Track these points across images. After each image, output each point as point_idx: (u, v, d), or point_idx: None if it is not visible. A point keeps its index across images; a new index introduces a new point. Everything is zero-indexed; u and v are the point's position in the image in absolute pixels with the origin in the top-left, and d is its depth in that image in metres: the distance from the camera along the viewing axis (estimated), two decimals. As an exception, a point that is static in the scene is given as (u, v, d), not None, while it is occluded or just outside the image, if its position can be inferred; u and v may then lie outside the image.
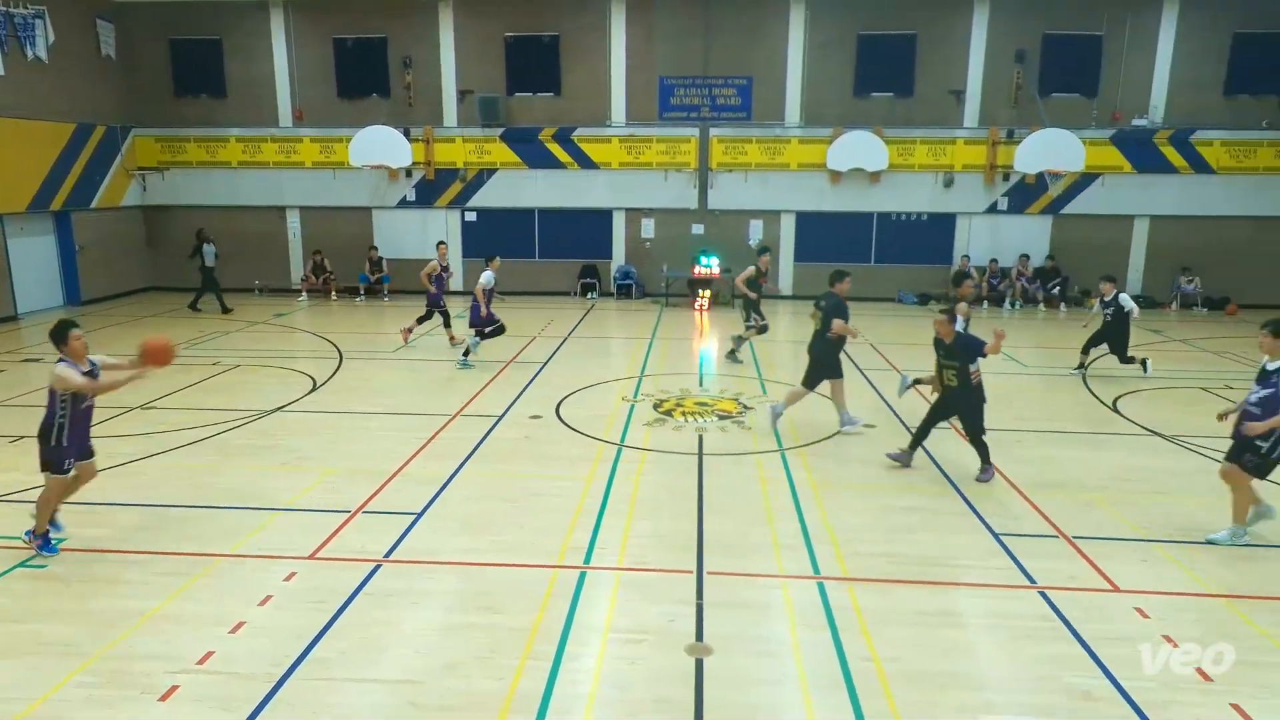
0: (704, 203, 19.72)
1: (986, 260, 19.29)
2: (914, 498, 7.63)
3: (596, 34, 19.22)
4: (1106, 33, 18.16)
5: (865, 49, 18.77)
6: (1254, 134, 18.39)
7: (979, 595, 5.91)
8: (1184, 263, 18.87)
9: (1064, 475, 8.25)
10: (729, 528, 6.94)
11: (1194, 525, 7.07)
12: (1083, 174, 18.40)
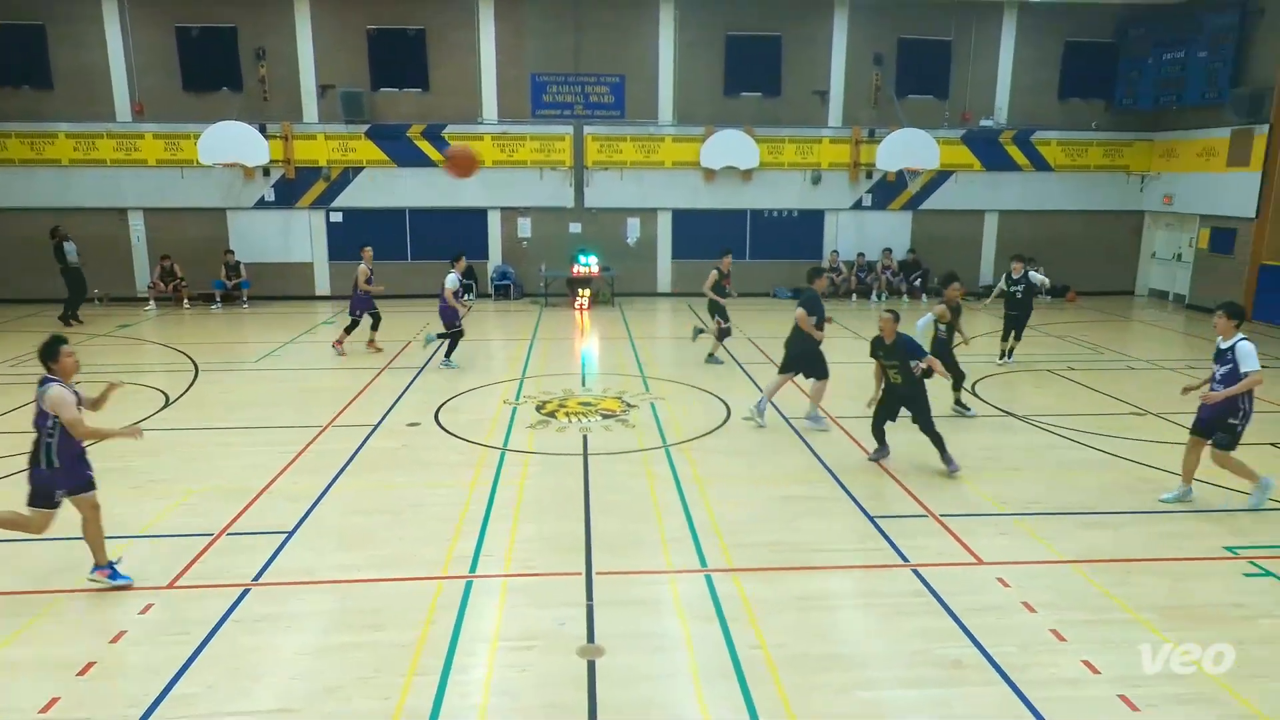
0: (581, 201, 19.75)
1: (854, 255, 20.25)
2: (795, 487, 7.93)
3: (464, 29, 18.89)
4: (955, 38, 19.42)
5: (733, 49, 19.30)
6: (1085, 135, 20.13)
7: (857, 577, 6.21)
8: (1029, 254, 20.42)
9: (932, 458, 8.74)
10: (616, 526, 7.00)
11: (1044, 498, 7.69)
12: (938, 171, 19.62)
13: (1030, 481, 8.16)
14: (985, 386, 11.79)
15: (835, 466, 8.46)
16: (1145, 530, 7.04)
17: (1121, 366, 13.10)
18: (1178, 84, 18.49)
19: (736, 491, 7.82)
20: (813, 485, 7.99)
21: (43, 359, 5.84)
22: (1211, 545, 6.73)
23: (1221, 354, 7.28)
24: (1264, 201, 17.07)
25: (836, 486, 7.95)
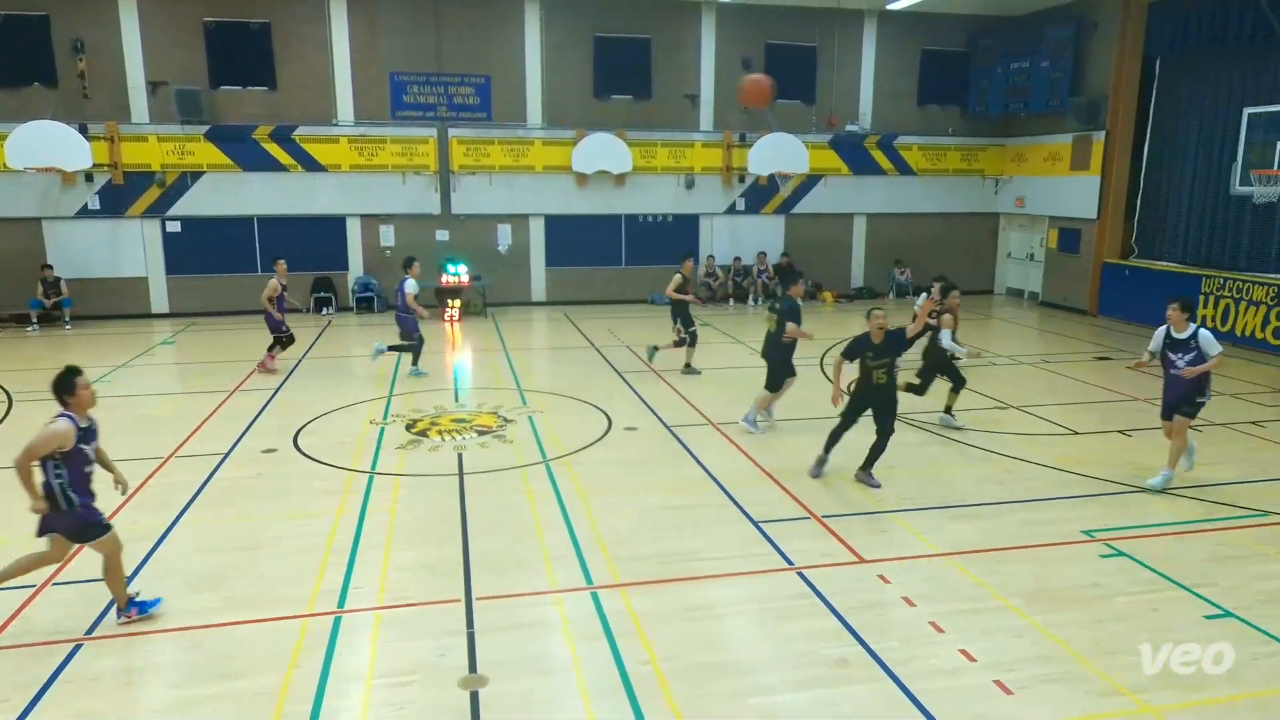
0: (447, 207, 19.39)
1: (730, 259, 20.81)
2: (678, 496, 8.05)
3: (314, 23, 18.20)
4: (820, 44, 20.34)
5: (602, 51, 19.47)
6: (943, 140, 21.51)
7: (743, 583, 6.37)
8: (896, 256, 21.62)
9: (808, 459, 9.09)
10: (497, 547, 6.90)
11: (919, 494, 8.14)
12: (808, 176, 20.46)
13: (905, 478, 8.59)
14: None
15: (721, 474, 8.65)
16: (1012, 520, 7.56)
17: (983, 363, 14.01)
18: (1024, 92, 20.04)
19: (620, 504, 7.86)
20: (698, 494, 8.13)
21: (57, 392, 5.51)
22: (1070, 530, 7.31)
23: (1182, 343, 8.07)
24: (1103, 203, 18.75)
25: (721, 494, 8.12)
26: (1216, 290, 15.94)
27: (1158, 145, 18.07)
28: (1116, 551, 6.89)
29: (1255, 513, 7.70)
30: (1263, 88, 15.30)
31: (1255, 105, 12.91)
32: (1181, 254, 17.52)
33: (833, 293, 21.23)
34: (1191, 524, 7.46)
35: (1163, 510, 7.77)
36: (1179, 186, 17.61)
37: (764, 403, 10.28)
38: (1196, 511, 7.75)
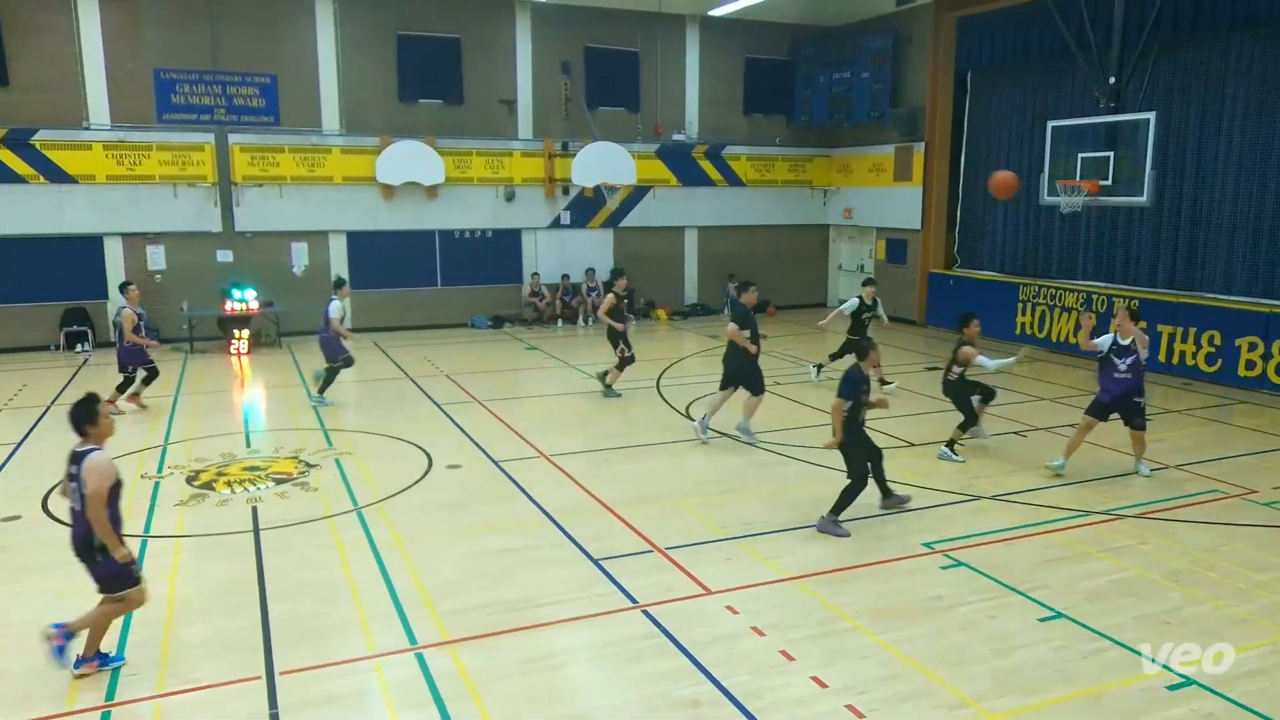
0: (230, 223, 18.31)
1: (558, 276, 20.90)
2: (510, 537, 7.94)
3: (56, 11, 16.74)
4: (642, 50, 20.94)
5: (407, 51, 19.13)
6: (771, 150, 22.68)
7: (585, 628, 6.35)
8: (729, 270, 22.49)
9: (651, 488, 9.26)
10: (303, 612, 6.52)
11: (763, 519, 8.44)
12: (636, 187, 20.94)
13: (749, 501, 8.91)
14: (698, 408, 12.70)
15: (555, 510, 8.61)
16: (855, 536, 7.99)
17: (821, 379, 14.79)
18: (846, 103, 21.51)
19: (446, 551, 7.65)
20: (531, 533, 8.05)
21: (78, 422, 5.50)
22: (912, 543, 7.82)
23: (1125, 348, 9.35)
24: (926, 214, 20.40)
25: (557, 531, 8.08)
26: (1033, 298, 17.68)
27: (973, 156, 19.88)
28: (956, 562, 7.43)
29: (1077, 513, 8.55)
30: (1062, 102, 17.21)
31: (1057, 119, 14.49)
32: (1000, 263, 19.31)
33: (666, 310, 21.77)
34: (1022, 529, 8.18)
35: (996, 518, 8.47)
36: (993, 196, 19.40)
37: (751, 409, 10.94)
38: (1026, 516, 8.50)
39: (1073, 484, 9.40)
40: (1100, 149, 12.95)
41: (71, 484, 5.51)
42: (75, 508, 5.53)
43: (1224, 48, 14.74)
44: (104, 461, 5.43)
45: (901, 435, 11.28)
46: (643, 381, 14.46)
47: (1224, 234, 14.97)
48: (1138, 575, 7.18)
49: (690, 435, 11.22)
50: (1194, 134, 15.30)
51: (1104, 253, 17.07)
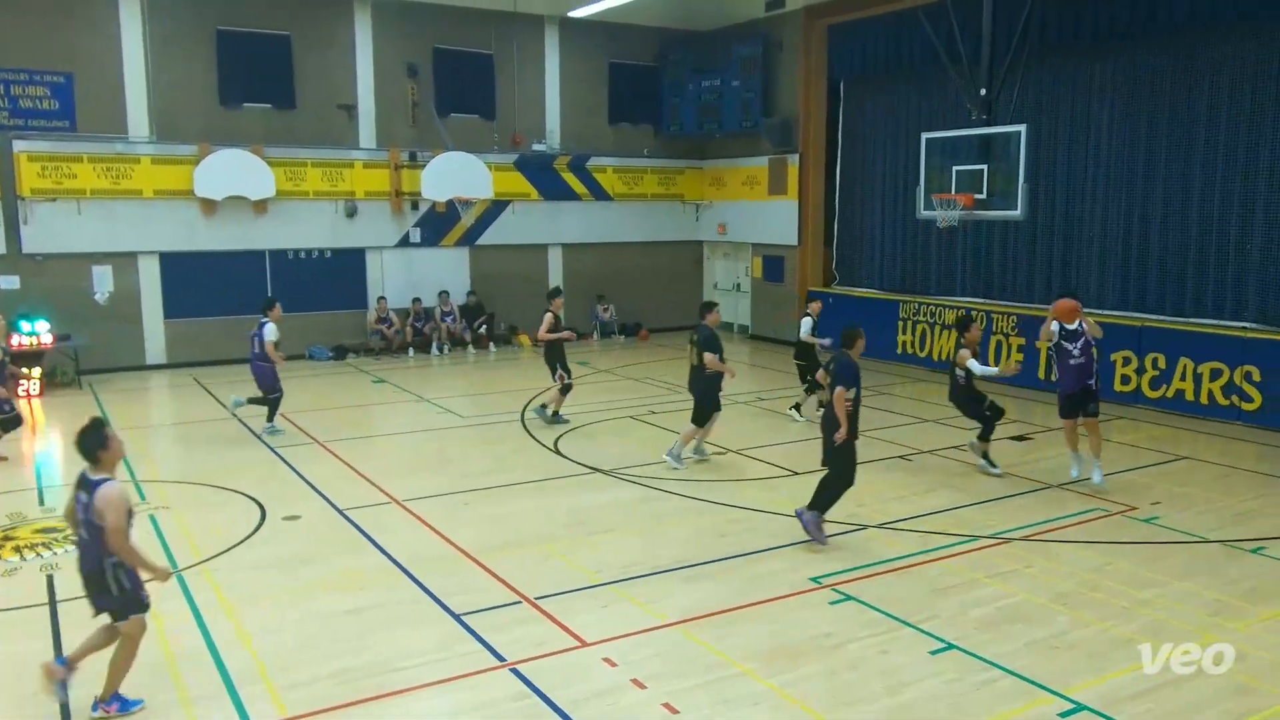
0: (15, 244, 17.16)
1: (408, 300, 20.53)
2: (358, 595, 7.70)
3: None
4: (496, 52, 20.95)
5: (228, 48, 18.50)
6: (639, 161, 23.06)
7: (448, 692, 6.21)
8: (598, 291, 22.67)
9: (518, 532, 9.18)
10: (113, 696, 6.11)
11: (642, 558, 8.50)
12: (493, 201, 20.86)
13: (625, 542, 8.95)
14: (568, 443, 12.71)
15: (410, 560, 8.41)
16: (741, 575, 8.14)
17: (805, 416, 15.04)
18: (716, 112, 22.13)
19: (284, 615, 7.34)
20: (383, 589, 7.84)
21: (89, 449, 5.71)
22: (799, 579, 8.03)
23: (1073, 333, 10.13)
24: (803, 229, 21.15)
25: (412, 586, 7.90)
26: (913, 315, 18.57)
27: (849, 169, 20.79)
28: (845, 596, 7.67)
29: (965, 538, 8.99)
30: (936, 113, 18.25)
31: (932, 130, 15.34)
32: (879, 280, 20.21)
33: (530, 335, 21.70)
34: (911, 557, 8.52)
35: (884, 547, 8.81)
36: (871, 211, 20.37)
37: (689, 437, 11.37)
38: (915, 544, 8.87)
39: (961, 508, 9.88)
40: (974, 162, 13.78)
41: (81, 512, 5.75)
42: (84, 537, 5.77)
43: (1090, 60, 15.99)
44: (118, 494, 5.69)
45: (785, 464, 11.59)
46: (505, 415, 14.35)
47: (1095, 248, 16.17)
48: (1026, 600, 7.60)
49: (554, 472, 11.22)
50: (1064, 147, 16.50)
51: (981, 268, 18.14)
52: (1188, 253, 14.91)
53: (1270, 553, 8.63)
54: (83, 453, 5.79)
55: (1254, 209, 14.00)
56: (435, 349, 20.33)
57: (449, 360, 19.86)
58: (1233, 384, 13.60)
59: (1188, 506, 9.98)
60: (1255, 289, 14.06)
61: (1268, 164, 13.79)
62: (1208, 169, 14.55)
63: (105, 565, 5.73)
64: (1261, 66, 13.84)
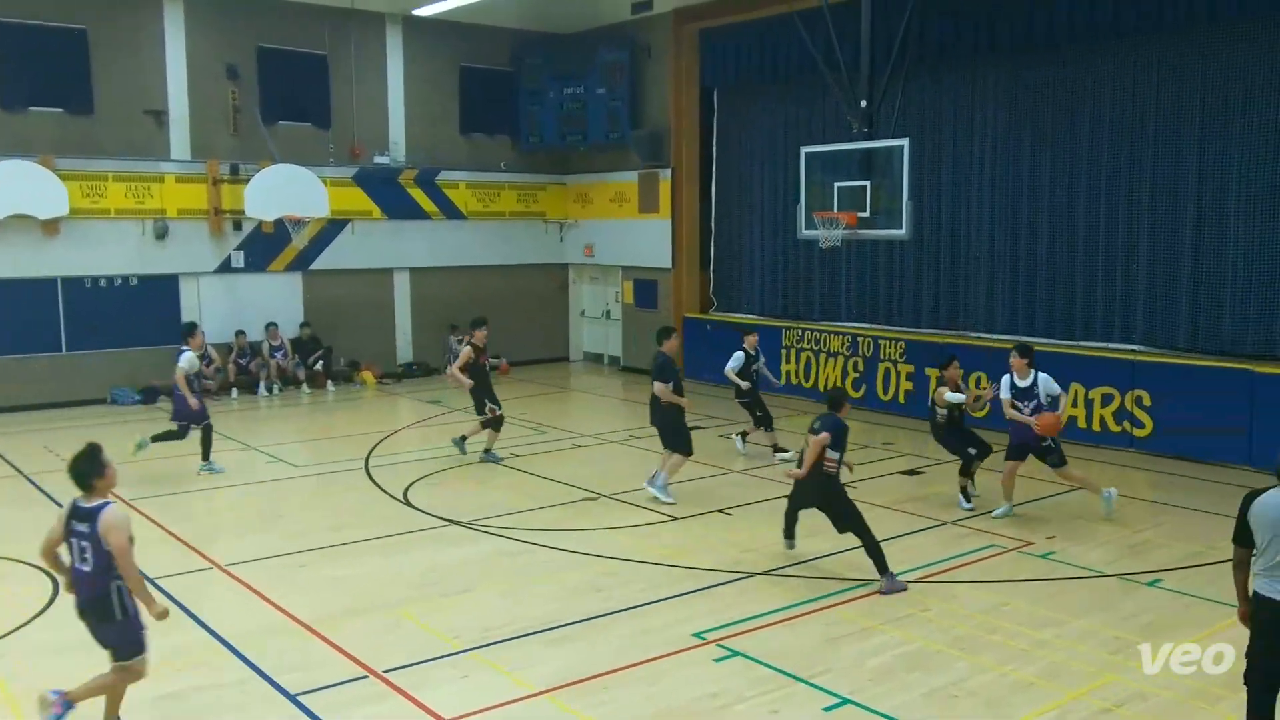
0: None
1: (231, 334, 19.85)
2: (174, 679, 7.33)
3: None
4: (332, 53, 20.62)
5: (10, 44, 17.67)
6: (495, 176, 23.03)
7: (282, 785, 5.96)
8: (451, 320, 22.40)
9: (363, 596, 8.95)
10: None
11: (505, 621, 8.39)
12: (330, 220, 20.42)
13: (486, 602, 8.82)
14: (419, 493, 12.50)
15: (236, 636, 8.09)
16: (616, 633, 8.13)
17: (567, 445, 15.06)
18: (581, 122, 22.33)
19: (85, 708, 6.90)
20: (205, 671, 7.52)
21: (85, 476, 6.11)
22: (681, 634, 8.07)
23: (1026, 391, 10.80)
24: (677, 250, 21.48)
25: (240, 664, 7.60)
26: (796, 343, 19.07)
27: (725, 185, 21.27)
28: (731, 652, 7.75)
29: (858, 583, 9.22)
30: (816, 125, 18.89)
31: (811, 143, 15.85)
32: (760, 305, 20.69)
33: (374, 371, 21.29)
34: (801, 605, 8.69)
35: (771, 596, 8.95)
36: (750, 230, 20.87)
37: (677, 466, 11.82)
38: (804, 591, 9.05)
39: (852, 549, 10.09)
40: (856, 177, 14.32)
41: (79, 541, 6.09)
42: (84, 569, 6.11)
43: (972, 73, 16.89)
44: (122, 515, 6.09)
45: (663, 509, 11.66)
46: (346, 463, 14.01)
47: (983, 269, 16.98)
48: (923, 646, 7.84)
49: (404, 525, 11.07)
50: (949, 163, 17.31)
51: (867, 291, 18.79)
52: (1075, 274, 15.81)
53: (1167, 585, 9.16)
54: (78, 479, 6.17)
55: (1138, 229, 14.97)
56: (263, 389, 19.71)
57: (280, 402, 19.28)
58: (1124, 409, 14.47)
59: (1083, 539, 10.51)
60: (1143, 311, 15.01)
61: (1149, 182, 14.78)
62: (1092, 188, 15.49)
63: (111, 589, 6.09)
64: (1140, 83, 14.86)
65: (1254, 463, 13.15)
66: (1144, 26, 14.46)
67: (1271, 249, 13.62)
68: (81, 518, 6.09)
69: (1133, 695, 6.99)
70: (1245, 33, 13.68)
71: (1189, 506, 11.75)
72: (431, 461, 13.97)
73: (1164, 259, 14.73)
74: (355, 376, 21.04)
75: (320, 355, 20.47)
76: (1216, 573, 9.46)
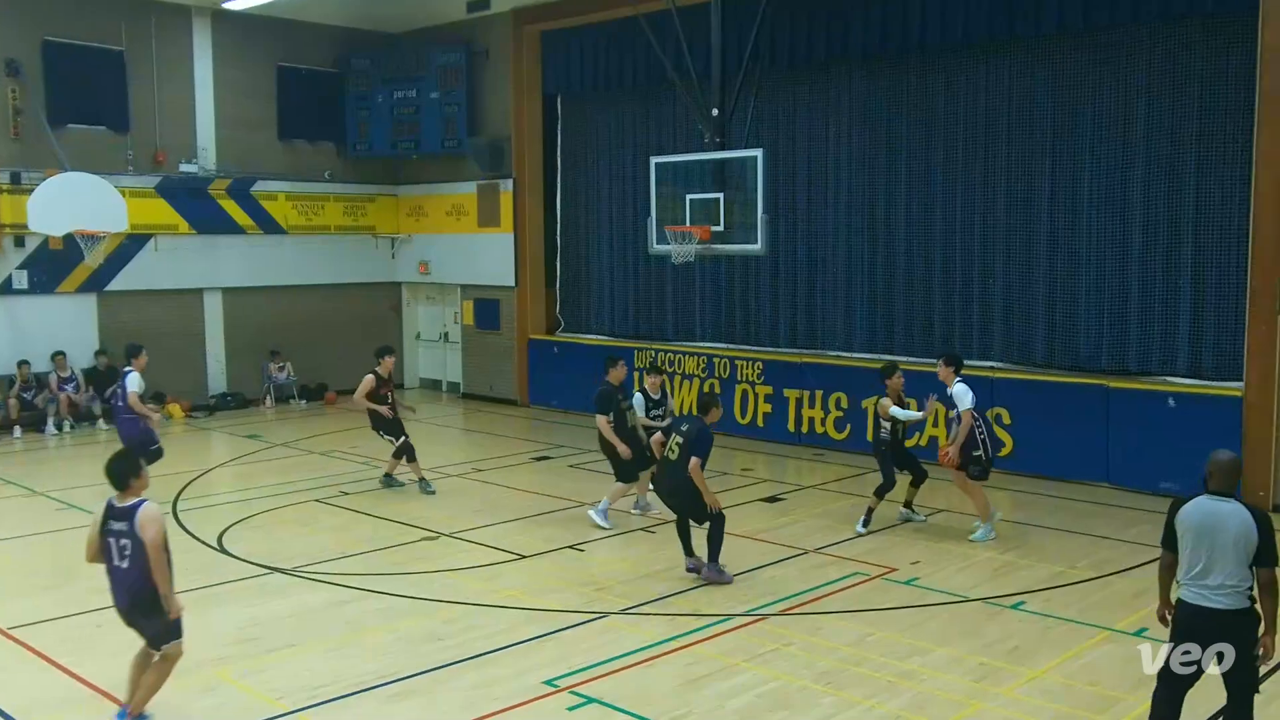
0: None
1: (13, 364, 18.85)
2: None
3: None
4: (130, 49, 19.87)
5: None
6: (320, 187, 22.55)
7: None
8: (271, 346, 21.80)
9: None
10: None
11: (335, 677, 8.18)
12: (129, 235, 19.60)
13: (315, 657, 8.59)
14: (235, 538, 12.12)
15: (21, 709, 7.71)
16: (461, 685, 8.02)
17: (402, 480, 14.78)
18: (413, 129, 22.12)
19: None
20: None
21: (122, 476, 7.02)
22: (531, 683, 8.01)
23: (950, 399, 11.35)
24: (520, 267, 21.46)
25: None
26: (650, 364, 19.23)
27: (571, 197, 21.37)
28: (586, 699, 7.74)
29: (719, 618, 9.35)
30: (666, 134, 19.21)
31: (662, 154, 16.08)
32: (610, 324, 20.84)
33: (183, 404, 20.52)
34: (659, 645, 8.75)
35: (629, 636, 8.99)
36: (599, 245, 21.02)
37: (617, 494, 12.30)
38: (662, 629, 9.12)
39: (710, 584, 10.26)
40: (709, 190, 14.59)
41: (117, 541, 6.90)
42: (121, 566, 6.91)
43: (825, 81, 17.46)
44: (159, 511, 7.02)
45: (507, 546, 11.59)
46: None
47: (841, 285, 17.52)
48: (786, 683, 8.00)
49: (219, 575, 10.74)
50: (804, 175, 17.83)
51: (723, 309, 19.15)
52: (933, 291, 16.48)
53: (1030, 607, 9.61)
54: (115, 480, 7.01)
55: (994, 244, 15.72)
56: (51, 426, 18.77)
57: (71, 440, 18.40)
58: (985, 428, 15.14)
59: (947, 564, 10.94)
60: (1000, 327, 15.78)
61: (1004, 197, 15.56)
62: (948, 203, 16.19)
63: (151, 588, 6.84)
64: (992, 96, 15.63)
65: (1111, 479, 13.99)
66: (996, 38, 15.22)
67: (1121, 264, 14.53)
68: (118, 516, 6.93)
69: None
70: (1093, 47, 14.58)
71: (1050, 526, 12.38)
72: (250, 503, 13.53)
73: (1020, 275, 15.52)
74: (161, 409, 20.20)
75: (116, 388, 19.56)
76: (1078, 593, 10.03)
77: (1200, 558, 5.96)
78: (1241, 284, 13.28)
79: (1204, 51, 13.60)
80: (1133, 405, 13.98)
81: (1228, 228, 13.55)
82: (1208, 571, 5.94)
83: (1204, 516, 6.01)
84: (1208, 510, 6.02)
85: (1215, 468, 6.14)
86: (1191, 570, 6.00)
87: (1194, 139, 13.75)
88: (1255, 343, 12.94)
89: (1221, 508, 5.99)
